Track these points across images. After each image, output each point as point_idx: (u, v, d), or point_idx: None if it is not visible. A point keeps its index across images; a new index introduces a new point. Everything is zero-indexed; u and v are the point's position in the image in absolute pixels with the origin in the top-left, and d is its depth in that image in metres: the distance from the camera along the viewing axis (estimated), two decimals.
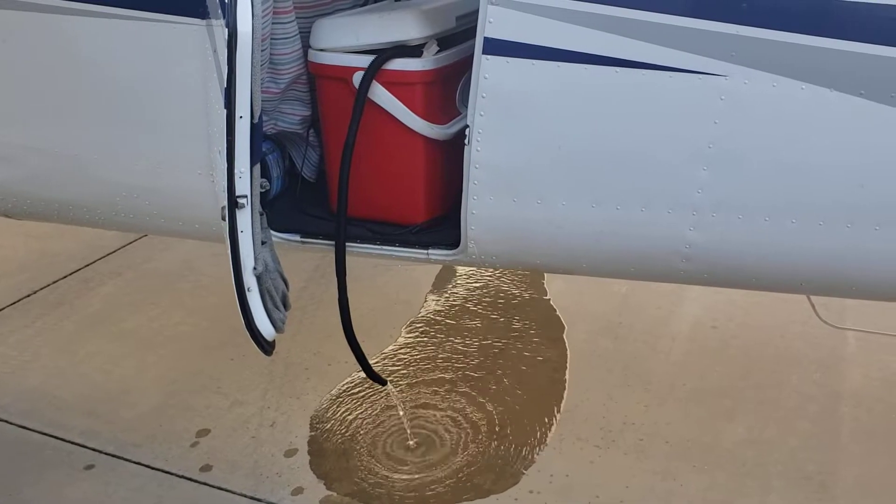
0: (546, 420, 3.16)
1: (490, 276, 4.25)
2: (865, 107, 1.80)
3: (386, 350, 3.63)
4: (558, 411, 3.21)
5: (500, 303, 4.00)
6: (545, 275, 4.13)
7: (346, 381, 3.42)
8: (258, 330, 2.17)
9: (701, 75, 1.87)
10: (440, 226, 2.41)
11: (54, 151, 2.48)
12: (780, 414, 3.14)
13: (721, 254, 2.04)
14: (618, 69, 1.90)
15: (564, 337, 3.69)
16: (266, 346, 2.22)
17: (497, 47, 1.94)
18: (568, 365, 3.49)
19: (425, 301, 4.04)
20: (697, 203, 1.97)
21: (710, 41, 1.84)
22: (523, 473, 2.89)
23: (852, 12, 1.81)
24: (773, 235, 1.96)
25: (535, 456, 2.97)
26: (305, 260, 4.20)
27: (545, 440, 3.05)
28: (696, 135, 1.92)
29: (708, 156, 1.92)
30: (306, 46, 2.43)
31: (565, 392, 3.32)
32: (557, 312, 3.89)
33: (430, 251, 2.33)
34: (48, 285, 4.23)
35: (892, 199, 1.87)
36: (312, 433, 3.13)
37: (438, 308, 3.97)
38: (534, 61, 1.93)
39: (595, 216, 2.04)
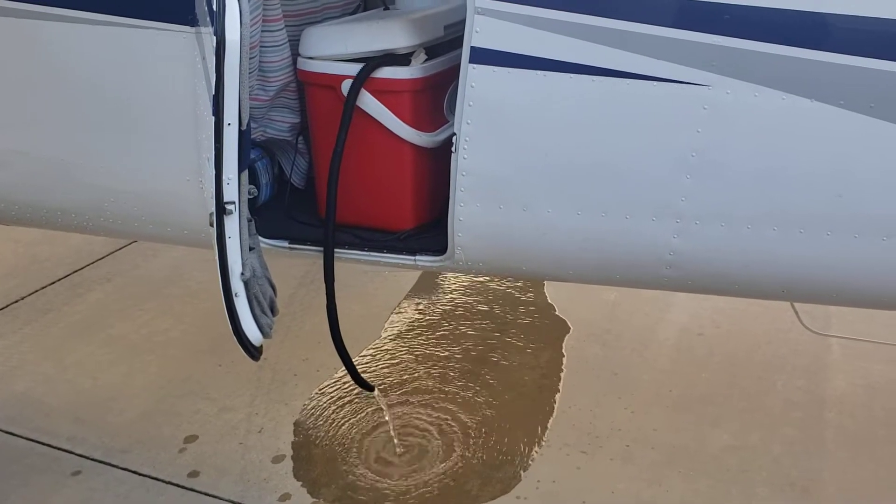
0: (533, 426, 3.17)
1: (480, 281, 4.26)
2: (845, 117, 1.83)
3: (374, 356, 3.63)
4: (546, 417, 3.22)
5: (490, 308, 4.02)
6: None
7: (334, 387, 3.42)
8: (245, 335, 2.18)
9: (684, 85, 1.89)
10: (428, 232, 2.42)
11: (43, 157, 2.48)
12: (765, 420, 3.16)
13: (704, 261, 2.06)
14: (602, 79, 1.92)
15: (553, 343, 3.71)
16: (253, 352, 2.23)
17: (484, 56, 1.97)
18: (556, 371, 3.51)
19: (412, 306, 4.05)
20: (681, 211, 1.99)
21: (692, 51, 1.87)
22: (510, 479, 2.91)
23: (832, 24, 1.84)
24: (754, 243, 1.98)
25: (523, 461, 2.99)
26: (294, 266, 4.20)
27: (532, 446, 3.07)
28: (679, 144, 1.94)
29: (691, 164, 1.95)
30: (296, 54, 2.45)
31: (553, 398, 3.34)
32: (548, 319, 3.91)
33: (418, 257, 2.35)
34: (36, 291, 4.22)
35: (870, 209, 1.89)
36: (300, 439, 3.13)
37: (426, 313, 3.98)
38: (520, 70, 1.95)
39: (580, 224, 2.06)
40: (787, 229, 1.95)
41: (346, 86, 2.29)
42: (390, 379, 3.47)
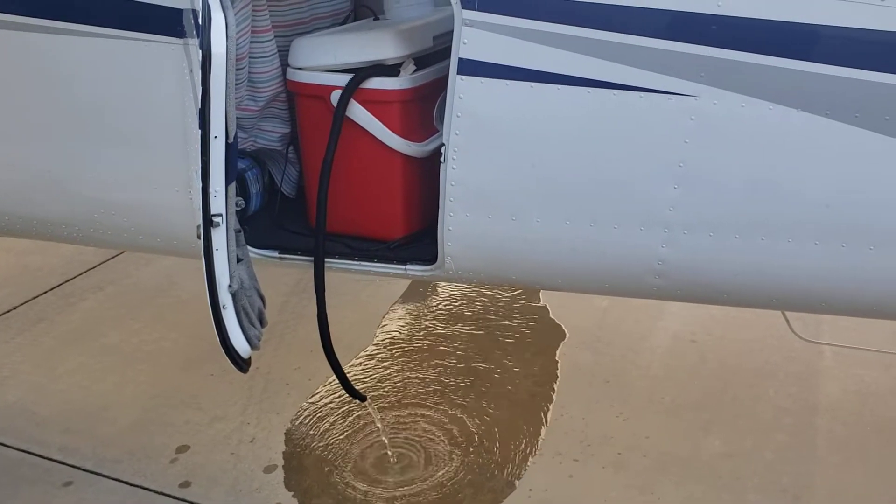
0: (525, 434, 3.17)
1: (472, 287, 4.26)
2: (830, 127, 1.84)
3: (365, 363, 3.63)
4: (538, 425, 3.22)
5: (482, 315, 4.02)
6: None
7: (326, 396, 3.42)
8: (233, 347, 2.18)
9: (671, 95, 1.90)
10: (418, 241, 2.43)
11: (33, 168, 2.48)
12: (757, 427, 3.17)
13: (692, 270, 2.07)
14: (589, 89, 1.93)
15: (546, 351, 3.71)
16: (242, 364, 2.22)
17: (471, 68, 1.97)
18: (548, 379, 3.51)
19: (404, 312, 4.05)
20: (669, 221, 2.00)
21: (679, 62, 1.88)
22: (503, 488, 2.90)
23: (819, 35, 1.85)
24: (743, 252, 1.99)
25: (515, 470, 2.98)
26: (287, 274, 4.20)
27: (524, 454, 3.06)
28: (666, 154, 1.95)
29: (678, 174, 1.95)
30: (285, 65, 2.46)
31: (545, 406, 3.34)
32: (541, 325, 3.91)
33: (408, 267, 2.35)
34: (28, 301, 4.21)
35: (857, 219, 1.90)
36: (292, 449, 3.13)
37: (418, 319, 3.98)
38: (507, 81, 1.96)
39: (568, 233, 2.06)
40: (775, 239, 1.96)
41: (335, 96, 2.30)
42: (382, 387, 3.47)
